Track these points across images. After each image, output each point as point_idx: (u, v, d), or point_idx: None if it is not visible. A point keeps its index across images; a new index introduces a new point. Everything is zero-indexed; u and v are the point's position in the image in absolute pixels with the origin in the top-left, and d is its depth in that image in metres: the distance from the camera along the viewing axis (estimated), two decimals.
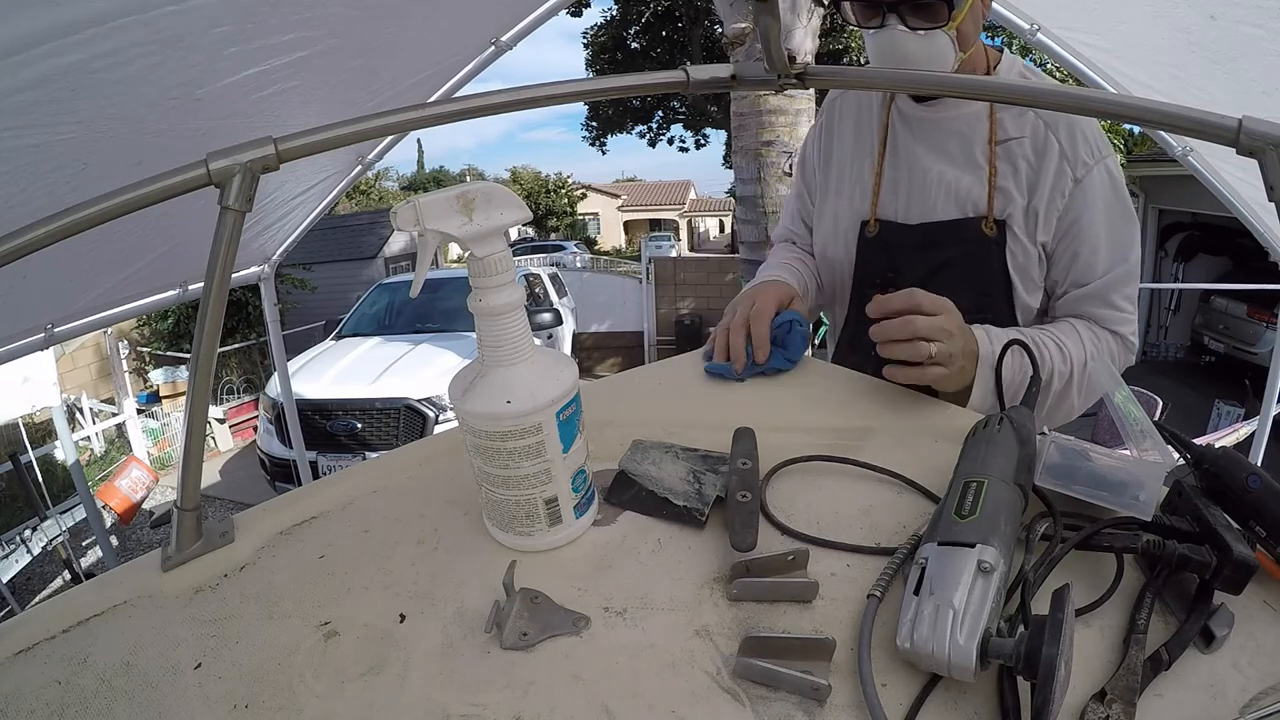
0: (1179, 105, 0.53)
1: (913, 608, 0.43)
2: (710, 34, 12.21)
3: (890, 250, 1.03)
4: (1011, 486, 0.50)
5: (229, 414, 6.93)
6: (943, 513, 0.49)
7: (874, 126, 1.05)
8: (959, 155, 0.97)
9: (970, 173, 0.96)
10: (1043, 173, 0.92)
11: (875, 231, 1.04)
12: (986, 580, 0.43)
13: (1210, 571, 0.46)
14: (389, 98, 1.80)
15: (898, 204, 1.02)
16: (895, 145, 1.02)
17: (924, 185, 0.99)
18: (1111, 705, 0.40)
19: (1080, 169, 0.91)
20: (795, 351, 0.87)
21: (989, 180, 0.94)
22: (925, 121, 1.00)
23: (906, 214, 1.01)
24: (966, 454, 0.56)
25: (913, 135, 1.01)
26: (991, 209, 0.95)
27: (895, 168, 1.02)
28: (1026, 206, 0.93)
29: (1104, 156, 0.91)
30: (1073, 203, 0.91)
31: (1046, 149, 0.91)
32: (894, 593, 0.48)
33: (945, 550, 0.45)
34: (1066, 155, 0.91)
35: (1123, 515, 0.51)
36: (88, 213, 0.50)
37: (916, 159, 1.00)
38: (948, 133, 0.98)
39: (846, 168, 1.09)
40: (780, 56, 0.69)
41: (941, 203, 0.98)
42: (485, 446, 0.53)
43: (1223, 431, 4.10)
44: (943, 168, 0.98)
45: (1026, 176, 0.93)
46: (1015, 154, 0.93)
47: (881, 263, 1.04)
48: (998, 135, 0.94)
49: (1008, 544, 0.46)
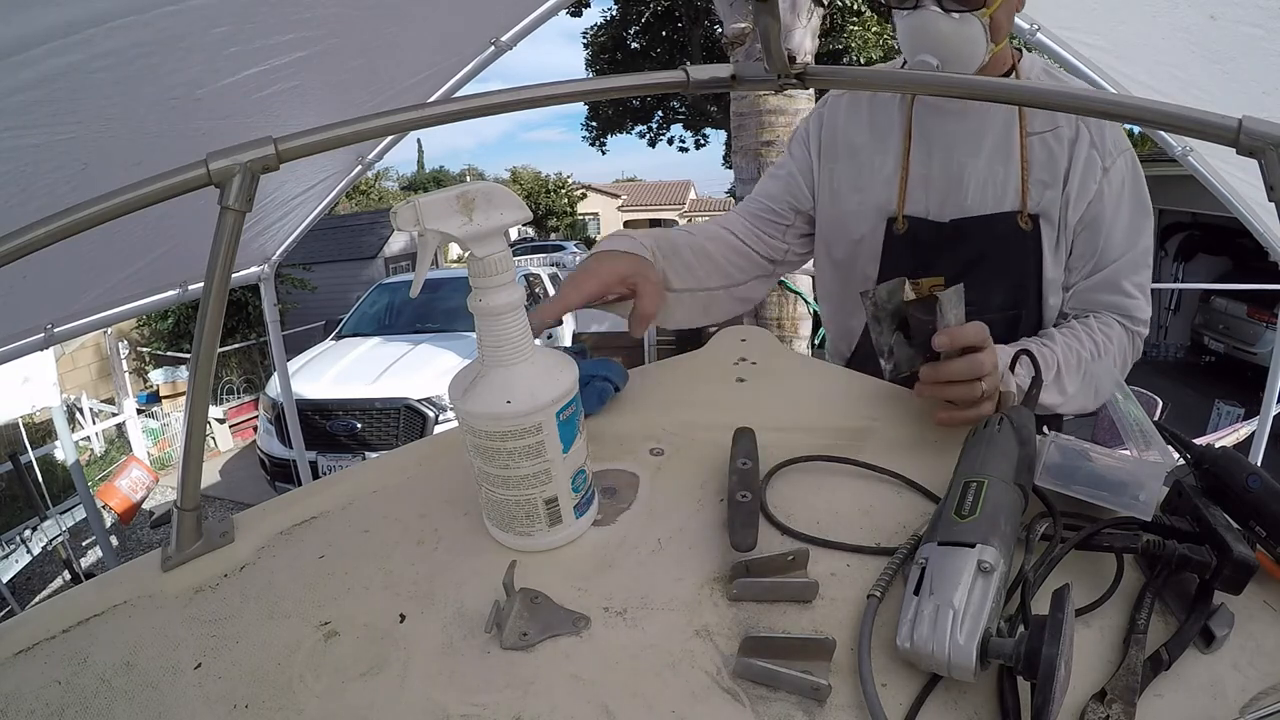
0: (1179, 105, 0.53)
1: (913, 608, 0.43)
2: (710, 34, 12.21)
3: (920, 248, 0.99)
4: (1011, 487, 0.50)
5: (229, 414, 6.92)
6: (943, 513, 0.49)
7: (895, 121, 1.01)
8: (991, 148, 0.94)
9: (1003, 165, 0.93)
10: (1075, 160, 0.91)
11: (904, 229, 0.99)
12: (986, 580, 0.43)
13: (1210, 571, 0.46)
14: (389, 98, 1.80)
15: (929, 200, 0.98)
16: (923, 140, 0.98)
17: (956, 180, 0.96)
18: (1111, 705, 0.40)
19: (1108, 158, 0.91)
20: (585, 407, 0.74)
21: (1022, 173, 0.93)
22: (951, 113, 0.97)
23: (939, 210, 0.97)
24: (966, 454, 0.56)
25: (942, 129, 0.97)
26: (1026, 202, 0.93)
27: (924, 163, 0.98)
28: (1060, 196, 0.92)
29: (1126, 148, 0.92)
30: (1100, 191, 0.91)
31: (1078, 138, 0.91)
32: (894, 593, 0.48)
33: (945, 550, 0.45)
34: (1096, 145, 0.91)
35: (1123, 515, 0.51)
36: (88, 213, 0.50)
37: (948, 153, 0.96)
38: (979, 125, 0.95)
39: (864, 164, 1.03)
40: (780, 56, 0.69)
41: (974, 197, 0.95)
42: (485, 446, 0.53)
43: (1223, 431, 4.10)
44: (975, 161, 0.95)
45: (1061, 166, 0.92)
46: (1049, 144, 0.92)
47: (911, 261, 0.99)
48: (1029, 128, 0.93)
49: (1008, 544, 0.46)
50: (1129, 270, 0.93)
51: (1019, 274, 0.95)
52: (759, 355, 0.93)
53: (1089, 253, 0.93)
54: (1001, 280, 0.95)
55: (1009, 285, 0.95)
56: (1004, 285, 0.95)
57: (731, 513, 0.55)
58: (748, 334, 1.00)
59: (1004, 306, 0.95)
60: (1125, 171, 0.91)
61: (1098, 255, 0.93)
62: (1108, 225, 0.92)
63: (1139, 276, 0.94)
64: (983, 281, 0.93)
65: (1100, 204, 0.91)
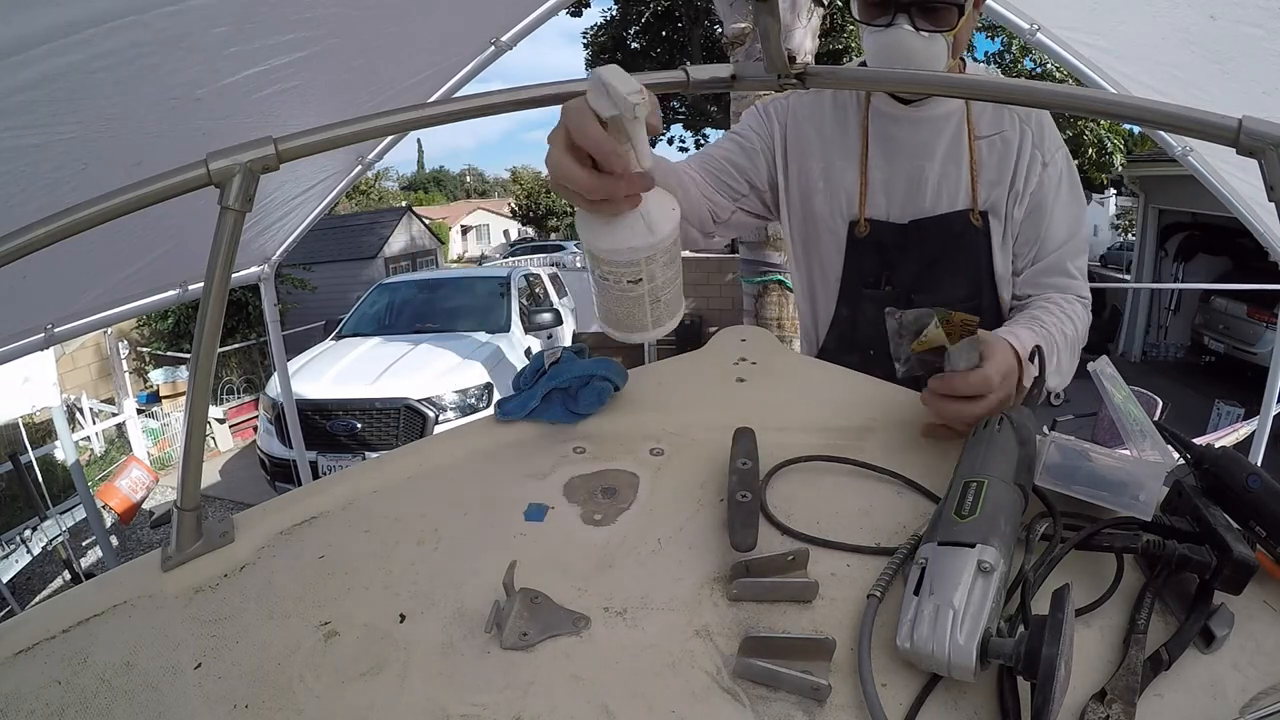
0: (1179, 105, 0.53)
1: (913, 608, 0.43)
2: (710, 34, 12.20)
3: (883, 250, 1.05)
4: (1011, 487, 0.50)
5: (229, 414, 6.92)
6: (943, 513, 0.49)
7: (851, 128, 1.06)
8: (944, 153, 1.01)
9: (956, 167, 1.01)
10: (1020, 158, 1.00)
11: (866, 232, 1.05)
12: (986, 580, 0.43)
13: (1210, 571, 0.46)
14: (389, 98, 1.80)
15: (890, 204, 1.04)
16: (880, 146, 1.04)
17: (915, 183, 1.02)
18: (1111, 705, 0.40)
19: (1048, 154, 1.00)
20: (584, 406, 0.78)
21: (971, 173, 1.00)
22: (907, 120, 1.03)
23: (900, 213, 1.04)
24: (966, 454, 0.56)
25: (898, 135, 1.03)
26: (976, 200, 1.01)
27: (882, 169, 1.04)
28: (1008, 193, 1.00)
29: (1060, 146, 1.02)
30: (1040, 185, 1.00)
31: (1022, 139, 1.00)
32: (894, 593, 0.48)
33: (945, 550, 0.45)
34: (1038, 145, 1.00)
35: (1123, 515, 0.51)
36: (88, 213, 0.50)
37: (905, 159, 1.03)
38: (932, 130, 1.01)
39: (822, 170, 1.07)
40: (780, 56, 0.69)
41: (931, 198, 1.02)
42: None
43: (1223, 431, 4.10)
44: (931, 165, 1.01)
45: (1006, 165, 1.00)
46: (996, 146, 1.00)
47: (875, 262, 1.06)
48: (977, 132, 1.01)
49: (1008, 544, 0.46)
50: (1072, 255, 1.01)
51: (974, 267, 1.03)
52: (759, 355, 0.93)
53: (1033, 238, 1.02)
54: (960, 274, 1.03)
55: (967, 279, 1.03)
56: (963, 279, 1.03)
57: (731, 513, 0.55)
58: (748, 334, 1.00)
59: (966, 298, 1.03)
60: (1063, 165, 1.01)
61: (1041, 241, 1.01)
62: (1050, 214, 1.00)
63: (1079, 260, 1.03)
64: (944, 276, 1.03)
65: (1042, 194, 1.00)
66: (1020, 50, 7.47)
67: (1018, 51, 7.65)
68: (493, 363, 4.84)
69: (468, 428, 0.79)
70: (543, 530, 0.60)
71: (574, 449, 0.72)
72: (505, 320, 5.63)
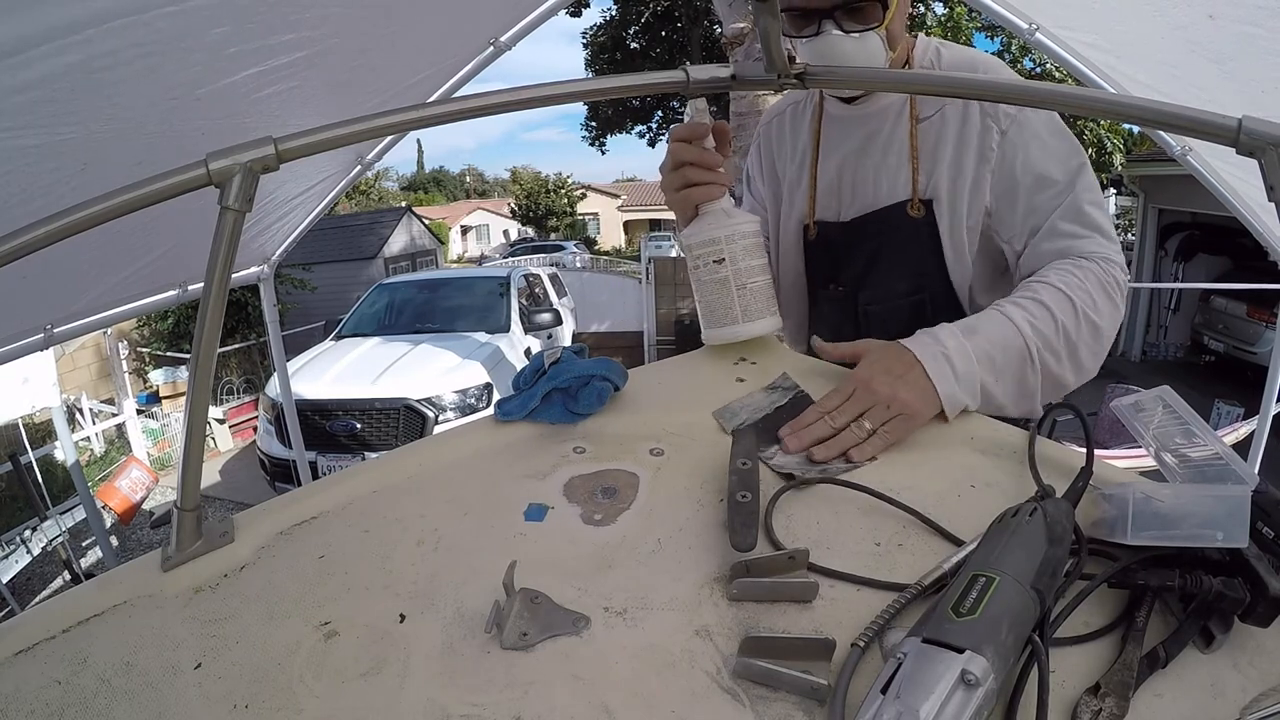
0: (1179, 105, 0.53)
1: (874, 709, 0.37)
2: (710, 34, 12.21)
3: (830, 249, 1.07)
4: (1026, 591, 0.43)
5: (229, 414, 6.92)
6: (939, 604, 0.43)
7: (803, 135, 1.09)
8: (885, 145, 1.00)
9: (897, 157, 0.99)
10: (966, 135, 0.93)
11: (815, 234, 1.08)
12: (968, 695, 0.36)
13: (1243, 608, 0.43)
14: (389, 98, 1.80)
15: (836, 204, 1.05)
16: (828, 148, 1.06)
17: (857, 181, 1.02)
18: (1105, 699, 0.40)
19: (1005, 120, 0.91)
20: (584, 406, 0.77)
21: (912, 161, 0.97)
22: (852, 119, 1.03)
23: (846, 212, 1.05)
24: (986, 540, 0.49)
25: (842, 135, 1.04)
26: (916, 189, 0.97)
27: (829, 170, 1.05)
28: (950, 173, 0.94)
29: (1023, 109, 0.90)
30: (1004, 153, 0.91)
31: (968, 113, 0.93)
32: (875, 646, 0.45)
33: (928, 650, 0.39)
34: (989, 113, 0.91)
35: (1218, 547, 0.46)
36: (88, 213, 0.50)
37: (849, 158, 1.03)
38: (874, 126, 1.01)
39: (790, 179, 1.12)
40: (780, 56, 0.69)
41: (874, 194, 1.01)
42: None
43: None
44: (872, 161, 1.01)
45: (952, 145, 0.94)
46: (937, 126, 0.95)
47: (825, 263, 1.08)
48: (919, 114, 0.96)
49: (1005, 657, 0.39)
50: (1072, 211, 0.88)
51: (916, 260, 0.99)
52: (759, 355, 0.93)
53: (1019, 213, 0.91)
54: (901, 269, 1.00)
55: (909, 272, 1.00)
56: (904, 273, 1.00)
57: (731, 513, 0.55)
58: None
59: (909, 293, 1.01)
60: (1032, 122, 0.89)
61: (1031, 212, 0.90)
62: (1032, 168, 0.90)
63: (1086, 212, 0.88)
64: (885, 271, 1.02)
65: (1007, 166, 0.91)
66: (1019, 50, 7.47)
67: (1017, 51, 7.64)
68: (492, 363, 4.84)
69: (468, 428, 0.79)
70: (543, 530, 0.60)
71: (574, 449, 0.72)
72: (505, 320, 5.64)
